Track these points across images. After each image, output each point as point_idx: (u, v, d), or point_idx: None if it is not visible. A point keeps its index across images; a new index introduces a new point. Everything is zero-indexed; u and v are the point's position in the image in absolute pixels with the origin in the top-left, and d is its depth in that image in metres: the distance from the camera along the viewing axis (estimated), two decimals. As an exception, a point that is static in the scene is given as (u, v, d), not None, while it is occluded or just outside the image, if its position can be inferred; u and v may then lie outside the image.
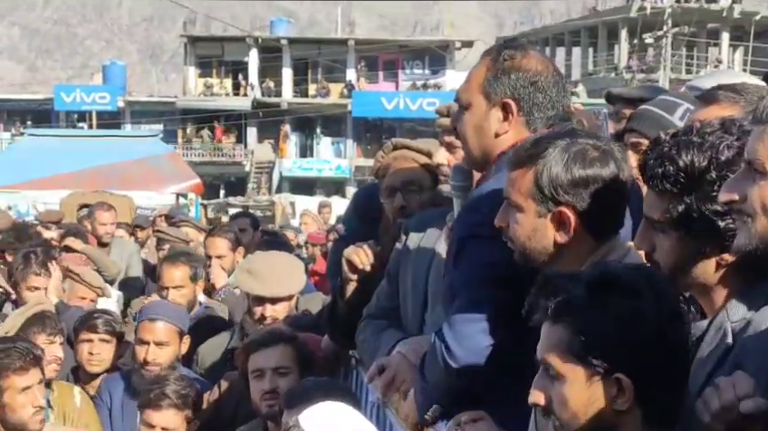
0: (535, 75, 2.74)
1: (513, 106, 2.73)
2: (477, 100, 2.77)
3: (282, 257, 5.06)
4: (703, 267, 2.09)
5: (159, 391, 4.18)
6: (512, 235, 2.45)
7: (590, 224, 2.39)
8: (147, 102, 53.46)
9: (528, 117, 2.74)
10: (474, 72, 2.82)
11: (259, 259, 4.95)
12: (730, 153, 2.03)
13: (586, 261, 2.39)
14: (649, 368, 1.92)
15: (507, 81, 2.73)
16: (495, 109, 2.74)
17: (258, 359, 4.07)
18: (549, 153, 2.38)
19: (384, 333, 3.38)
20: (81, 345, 5.03)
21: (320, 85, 51.57)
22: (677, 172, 2.05)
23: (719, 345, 2.05)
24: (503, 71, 2.74)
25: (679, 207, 2.06)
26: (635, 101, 4.03)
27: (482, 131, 2.76)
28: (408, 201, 3.71)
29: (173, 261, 5.89)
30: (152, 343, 4.72)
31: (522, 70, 2.74)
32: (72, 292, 6.11)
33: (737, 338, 2.02)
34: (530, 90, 2.73)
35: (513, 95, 2.73)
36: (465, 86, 2.83)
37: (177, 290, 5.69)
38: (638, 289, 1.94)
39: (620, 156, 2.42)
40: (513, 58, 2.75)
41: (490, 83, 2.75)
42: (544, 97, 2.74)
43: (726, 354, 2.03)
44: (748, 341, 1.99)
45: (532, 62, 2.77)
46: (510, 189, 2.45)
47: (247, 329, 4.78)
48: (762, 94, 2.70)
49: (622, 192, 2.42)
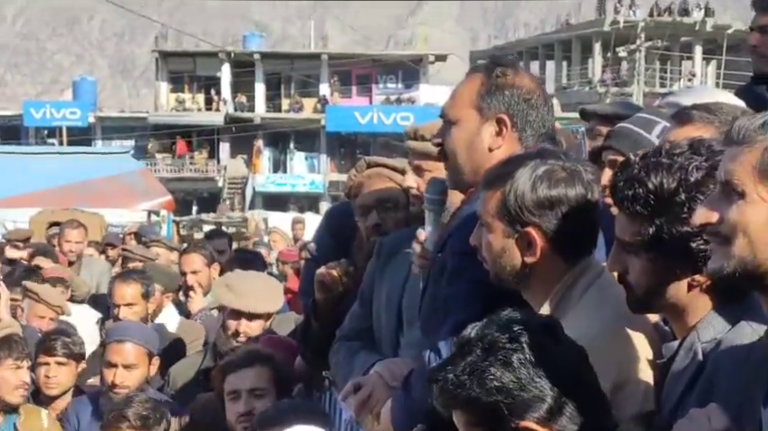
0: (528, 93, 2.75)
1: (507, 121, 2.73)
2: (469, 114, 2.76)
3: (261, 276, 5.14)
4: (675, 288, 2.10)
5: (119, 413, 4.15)
6: (484, 255, 2.47)
7: (559, 245, 2.39)
8: (118, 118, 53.25)
9: (521, 133, 2.74)
10: (463, 88, 2.81)
11: (239, 275, 5.01)
12: (699, 174, 2.05)
13: (557, 283, 2.41)
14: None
15: (502, 96, 2.74)
16: (489, 123, 2.74)
17: (234, 380, 4.05)
18: (518, 173, 2.39)
19: (358, 355, 3.36)
20: (39, 368, 4.99)
21: (293, 100, 51.54)
22: (647, 194, 2.06)
23: (690, 365, 2.07)
24: (497, 87, 2.74)
25: (650, 229, 2.07)
26: (610, 118, 4.05)
27: (474, 146, 2.75)
28: (383, 219, 3.70)
29: (124, 278, 5.94)
30: (120, 366, 4.68)
31: (516, 86, 2.75)
32: (32, 312, 6.09)
33: (708, 358, 2.04)
34: (523, 107, 2.74)
35: (507, 111, 2.73)
36: (452, 102, 2.82)
37: (128, 307, 5.70)
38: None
39: (590, 176, 2.43)
40: (506, 74, 2.76)
41: (483, 98, 2.74)
42: (537, 115, 2.76)
43: (698, 374, 2.04)
44: (720, 361, 2.01)
45: (525, 79, 2.78)
46: (481, 209, 2.46)
47: (220, 346, 4.76)
48: (736, 114, 2.72)
49: (591, 213, 2.42)
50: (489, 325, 2.02)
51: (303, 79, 51.82)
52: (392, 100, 51.01)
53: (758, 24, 4.00)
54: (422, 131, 3.26)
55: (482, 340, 1.99)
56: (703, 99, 3.17)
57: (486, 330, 2.00)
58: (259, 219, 25.28)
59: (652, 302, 2.14)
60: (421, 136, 3.26)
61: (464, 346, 2.01)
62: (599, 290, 2.39)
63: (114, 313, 5.74)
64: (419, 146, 3.27)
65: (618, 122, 3.81)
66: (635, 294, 2.15)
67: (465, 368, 1.98)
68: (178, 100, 51.52)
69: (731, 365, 1.97)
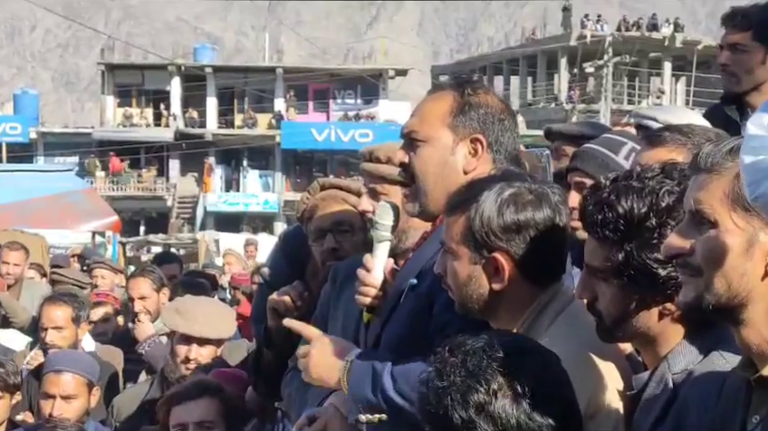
0: (501, 113, 2.75)
1: (483, 141, 2.71)
2: (441, 134, 2.73)
3: (213, 301, 5.14)
4: (646, 317, 2.11)
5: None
6: (449, 283, 2.45)
7: (527, 270, 2.39)
8: (61, 134, 52.83)
9: (495, 155, 2.73)
10: (430, 106, 2.78)
11: (189, 300, 5.01)
12: (671, 199, 2.06)
13: (526, 310, 2.40)
14: None
15: (476, 115, 2.72)
16: (463, 143, 2.72)
17: (180, 413, 4.01)
18: (482, 197, 2.39)
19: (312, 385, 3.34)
20: None
21: (246, 115, 51.47)
22: (617, 219, 2.07)
23: (661, 395, 2.08)
24: (470, 106, 2.73)
25: (619, 255, 2.08)
26: (575, 138, 4.07)
27: (448, 167, 2.72)
28: (339, 243, 3.68)
29: (54, 300, 5.84)
30: (59, 397, 4.63)
31: (489, 106, 2.74)
32: None
33: (679, 389, 2.04)
34: (498, 127, 2.73)
35: (482, 130, 2.72)
36: (419, 120, 2.77)
37: (57, 331, 5.61)
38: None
39: (557, 199, 2.43)
40: (477, 93, 2.74)
41: (457, 117, 2.72)
42: (510, 136, 2.75)
43: (670, 404, 2.05)
44: (692, 391, 2.02)
45: (495, 99, 2.77)
46: (445, 235, 2.45)
47: (168, 374, 4.72)
48: (709, 136, 2.74)
49: (560, 236, 2.42)
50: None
51: (257, 93, 51.77)
52: (350, 117, 51.13)
53: (728, 42, 4.04)
54: (377, 153, 3.22)
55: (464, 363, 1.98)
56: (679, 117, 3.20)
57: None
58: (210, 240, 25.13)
59: (622, 331, 2.14)
60: (377, 158, 3.22)
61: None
62: (568, 318, 2.39)
63: (41, 337, 5.66)
64: (374, 168, 3.24)
65: (583, 142, 3.84)
66: (604, 323, 2.15)
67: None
68: (125, 115, 51.29)
69: (704, 395, 1.98)
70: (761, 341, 1.79)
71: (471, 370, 1.96)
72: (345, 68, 56.08)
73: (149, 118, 51.63)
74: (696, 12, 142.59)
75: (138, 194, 49.50)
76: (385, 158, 3.18)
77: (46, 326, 5.66)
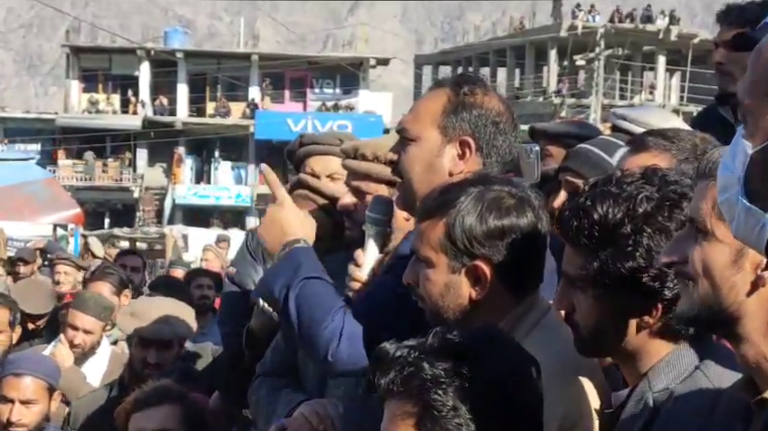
0: (498, 115, 2.75)
1: (472, 144, 2.72)
2: (430, 134, 2.74)
3: (168, 301, 5.10)
4: (624, 330, 2.11)
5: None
6: (422, 294, 2.42)
7: (507, 278, 2.38)
8: (22, 119, 52.62)
9: (486, 159, 2.74)
10: (425, 104, 2.81)
11: (145, 301, 5.00)
12: (648, 205, 2.06)
13: (502, 319, 2.40)
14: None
15: (468, 117, 2.73)
16: (451, 145, 2.73)
17: (140, 420, 3.99)
18: (461, 202, 2.37)
19: (281, 393, 3.34)
20: None
21: (219, 104, 51.36)
22: (592, 225, 2.07)
23: (641, 414, 2.07)
24: (464, 106, 2.73)
25: (594, 263, 2.08)
26: (560, 137, 4.08)
27: (433, 168, 2.74)
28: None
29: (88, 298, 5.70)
30: (17, 401, 4.61)
31: (484, 107, 2.74)
32: None
33: (661, 409, 2.04)
34: (491, 131, 2.74)
35: (473, 133, 2.73)
36: (412, 117, 2.80)
37: (86, 334, 5.51)
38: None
39: (538, 203, 2.43)
40: (474, 93, 2.75)
41: (448, 117, 2.73)
42: (504, 140, 2.75)
43: (651, 422, 2.05)
44: (678, 409, 2.02)
45: (494, 101, 2.77)
46: (418, 243, 2.42)
47: (127, 379, 4.72)
48: (695, 142, 2.76)
49: (541, 243, 2.42)
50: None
51: (231, 81, 51.68)
52: (329, 107, 51.10)
53: (723, 39, 4.05)
54: (364, 150, 3.24)
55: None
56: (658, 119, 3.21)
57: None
58: (178, 236, 25.11)
59: (600, 345, 2.15)
60: (362, 155, 3.24)
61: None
62: (544, 330, 2.39)
63: (69, 337, 5.52)
64: (358, 165, 3.25)
65: (569, 142, 3.86)
66: (581, 335, 2.15)
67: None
68: (91, 101, 51.10)
69: (691, 414, 1.98)
70: (759, 358, 1.79)
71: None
72: (324, 56, 56.11)
73: (116, 104, 51.48)
74: (693, 4, 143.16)
75: (103, 184, 49.34)
76: (372, 156, 3.20)
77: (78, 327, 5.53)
